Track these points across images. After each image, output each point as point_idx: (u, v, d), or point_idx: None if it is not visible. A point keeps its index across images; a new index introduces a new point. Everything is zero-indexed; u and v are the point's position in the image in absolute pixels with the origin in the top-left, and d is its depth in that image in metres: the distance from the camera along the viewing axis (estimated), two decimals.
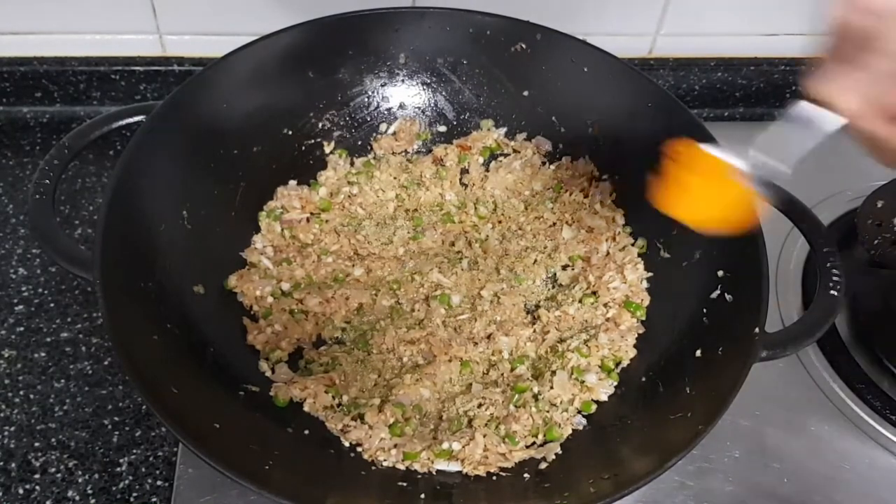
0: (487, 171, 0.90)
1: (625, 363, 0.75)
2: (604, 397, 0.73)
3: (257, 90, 0.81)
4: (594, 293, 0.80)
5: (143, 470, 0.72)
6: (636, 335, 0.77)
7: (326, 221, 0.84)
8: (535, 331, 0.78)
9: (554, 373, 0.73)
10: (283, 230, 0.82)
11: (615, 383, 0.74)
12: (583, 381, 0.73)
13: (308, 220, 0.84)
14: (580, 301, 0.79)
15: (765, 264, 0.68)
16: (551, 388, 0.72)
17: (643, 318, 0.78)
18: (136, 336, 0.63)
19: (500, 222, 0.87)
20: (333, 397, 0.71)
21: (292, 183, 0.85)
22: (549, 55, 0.84)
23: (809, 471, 0.75)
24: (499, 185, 0.88)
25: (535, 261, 0.83)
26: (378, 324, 0.78)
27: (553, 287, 0.83)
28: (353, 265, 0.82)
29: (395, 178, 0.88)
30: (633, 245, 0.83)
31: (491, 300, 0.80)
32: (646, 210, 0.82)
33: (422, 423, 0.72)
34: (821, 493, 0.73)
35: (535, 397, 0.72)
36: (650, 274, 0.80)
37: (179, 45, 0.99)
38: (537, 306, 0.81)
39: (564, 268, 0.84)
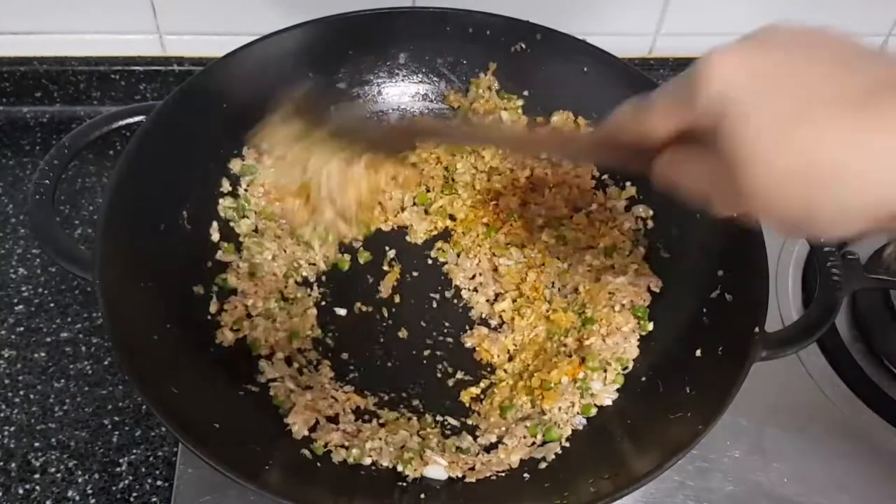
0: None
1: (629, 367, 0.75)
2: (608, 402, 0.73)
3: (257, 90, 0.80)
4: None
5: (143, 470, 0.72)
6: (639, 337, 0.76)
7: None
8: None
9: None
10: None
11: (618, 387, 0.74)
12: (587, 389, 0.73)
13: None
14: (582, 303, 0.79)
15: (765, 264, 0.68)
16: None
17: (646, 321, 0.77)
18: (136, 336, 0.63)
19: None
20: None
21: None
22: (549, 55, 0.84)
23: (809, 471, 0.75)
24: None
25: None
26: None
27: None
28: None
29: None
30: None
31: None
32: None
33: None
34: (821, 493, 0.73)
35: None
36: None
37: (179, 45, 0.99)
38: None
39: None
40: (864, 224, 0.39)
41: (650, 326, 0.76)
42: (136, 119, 0.73)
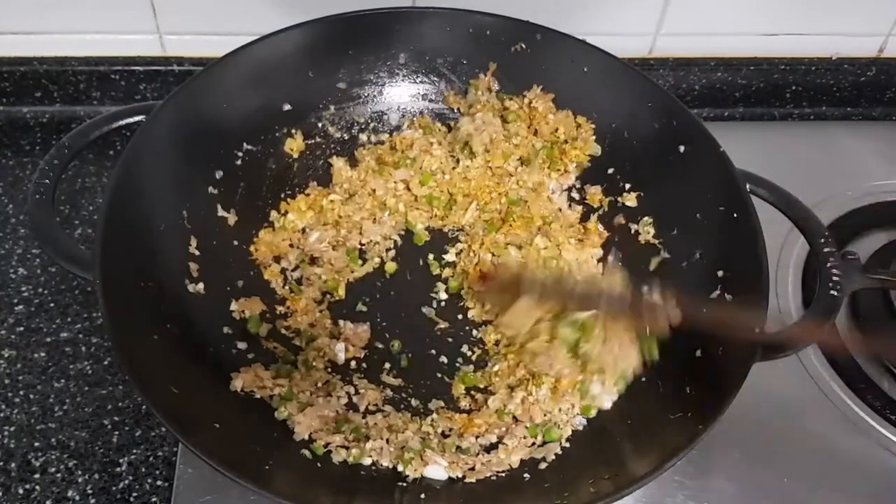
0: None
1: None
2: (608, 405, 0.73)
3: (257, 90, 0.81)
4: None
5: (143, 470, 0.72)
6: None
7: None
8: None
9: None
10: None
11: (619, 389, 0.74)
12: (587, 392, 0.73)
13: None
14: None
15: (765, 264, 0.68)
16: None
17: None
18: (136, 336, 0.63)
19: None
20: None
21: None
22: (549, 55, 0.84)
23: (809, 471, 0.75)
24: None
25: None
26: None
27: None
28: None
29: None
30: None
31: None
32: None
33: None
34: (821, 493, 0.73)
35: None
36: None
37: (179, 45, 0.99)
38: None
39: None
40: None
41: None
42: (136, 119, 0.73)
